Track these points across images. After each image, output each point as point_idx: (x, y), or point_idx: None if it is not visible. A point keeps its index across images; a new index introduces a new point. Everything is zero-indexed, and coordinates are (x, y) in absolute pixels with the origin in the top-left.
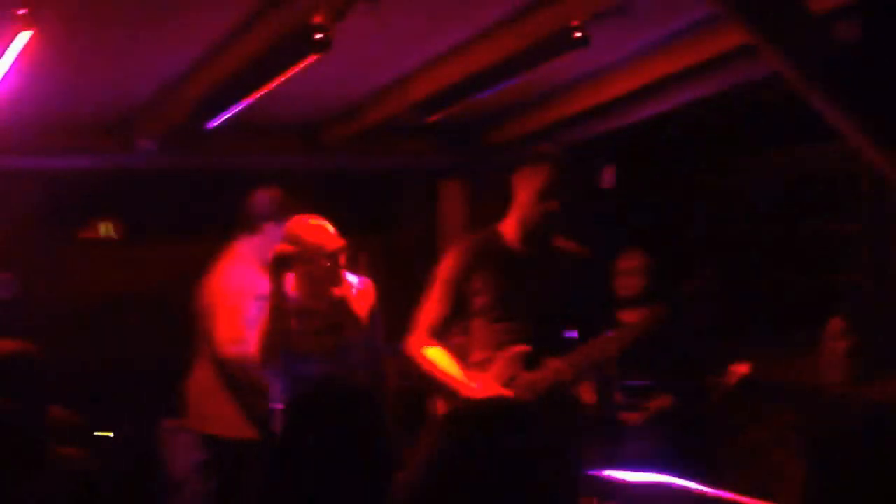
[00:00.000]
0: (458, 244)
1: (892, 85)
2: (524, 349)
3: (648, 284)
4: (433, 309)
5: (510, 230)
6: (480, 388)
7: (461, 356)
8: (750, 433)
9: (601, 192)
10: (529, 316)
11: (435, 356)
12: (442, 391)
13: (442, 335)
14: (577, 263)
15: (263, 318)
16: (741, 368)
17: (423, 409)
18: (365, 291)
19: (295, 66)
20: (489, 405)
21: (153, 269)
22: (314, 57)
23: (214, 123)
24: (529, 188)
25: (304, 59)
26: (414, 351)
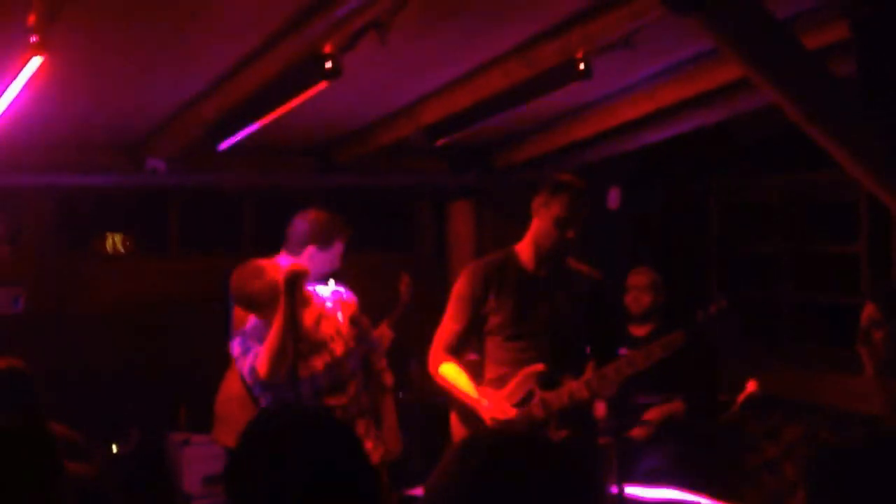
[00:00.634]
0: (474, 263)
1: (887, 119)
2: (539, 368)
3: (657, 300)
4: (449, 326)
5: (525, 252)
6: (490, 407)
7: (476, 373)
8: (763, 449)
9: (610, 213)
10: (543, 335)
11: (449, 372)
12: (456, 406)
13: (458, 352)
14: (591, 286)
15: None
16: (750, 386)
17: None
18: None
19: (305, 93)
20: (505, 439)
21: (164, 283)
22: (324, 84)
23: (226, 145)
24: (547, 216)
25: (314, 86)
26: (431, 367)
